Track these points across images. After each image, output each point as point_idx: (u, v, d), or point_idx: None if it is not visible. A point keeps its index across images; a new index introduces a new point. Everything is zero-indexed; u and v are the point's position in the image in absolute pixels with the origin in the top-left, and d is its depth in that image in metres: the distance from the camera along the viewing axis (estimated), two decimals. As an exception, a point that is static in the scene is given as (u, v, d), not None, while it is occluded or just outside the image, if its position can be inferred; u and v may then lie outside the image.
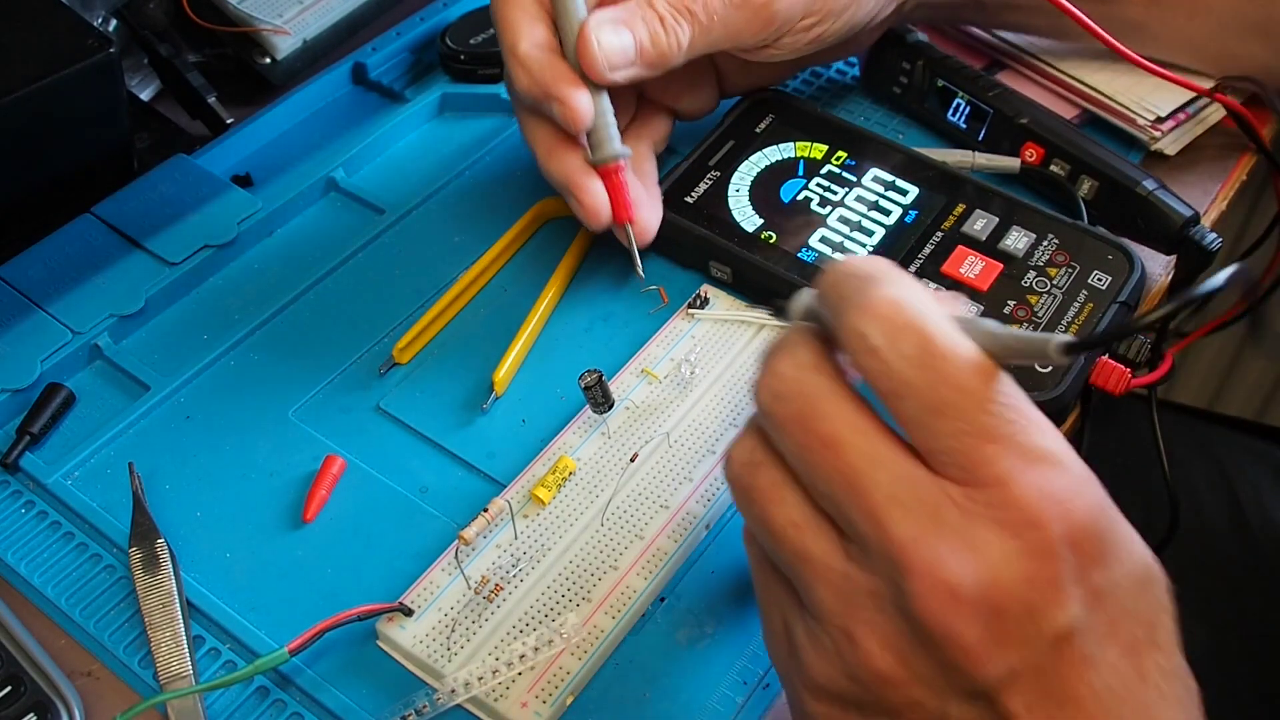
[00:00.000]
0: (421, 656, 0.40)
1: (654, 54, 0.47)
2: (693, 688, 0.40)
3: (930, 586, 0.29)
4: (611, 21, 0.46)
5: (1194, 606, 0.64)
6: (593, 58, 0.46)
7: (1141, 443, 0.67)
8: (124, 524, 0.44)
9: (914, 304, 0.30)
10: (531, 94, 0.47)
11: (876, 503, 0.30)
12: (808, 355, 0.32)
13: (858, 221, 0.52)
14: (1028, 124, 0.56)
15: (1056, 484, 0.29)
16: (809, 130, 0.56)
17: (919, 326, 0.29)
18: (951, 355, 0.29)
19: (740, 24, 0.48)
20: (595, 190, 0.48)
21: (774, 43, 0.50)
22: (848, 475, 0.30)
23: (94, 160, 0.57)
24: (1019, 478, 0.29)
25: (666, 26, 0.47)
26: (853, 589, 0.31)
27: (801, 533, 0.32)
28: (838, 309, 0.31)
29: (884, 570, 0.30)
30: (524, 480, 0.45)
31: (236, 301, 0.54)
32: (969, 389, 0.29)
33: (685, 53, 0.48)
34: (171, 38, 0.65)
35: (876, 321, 0.30)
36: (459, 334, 0.52)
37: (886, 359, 0.29)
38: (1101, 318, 0.47)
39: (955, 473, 0.29)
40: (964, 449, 0.29)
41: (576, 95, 0.46)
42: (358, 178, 0.60)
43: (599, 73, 0.46)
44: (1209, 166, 0.59)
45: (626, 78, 0.47)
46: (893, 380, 0.29)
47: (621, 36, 0.46)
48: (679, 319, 0.51)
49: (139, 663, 0.41)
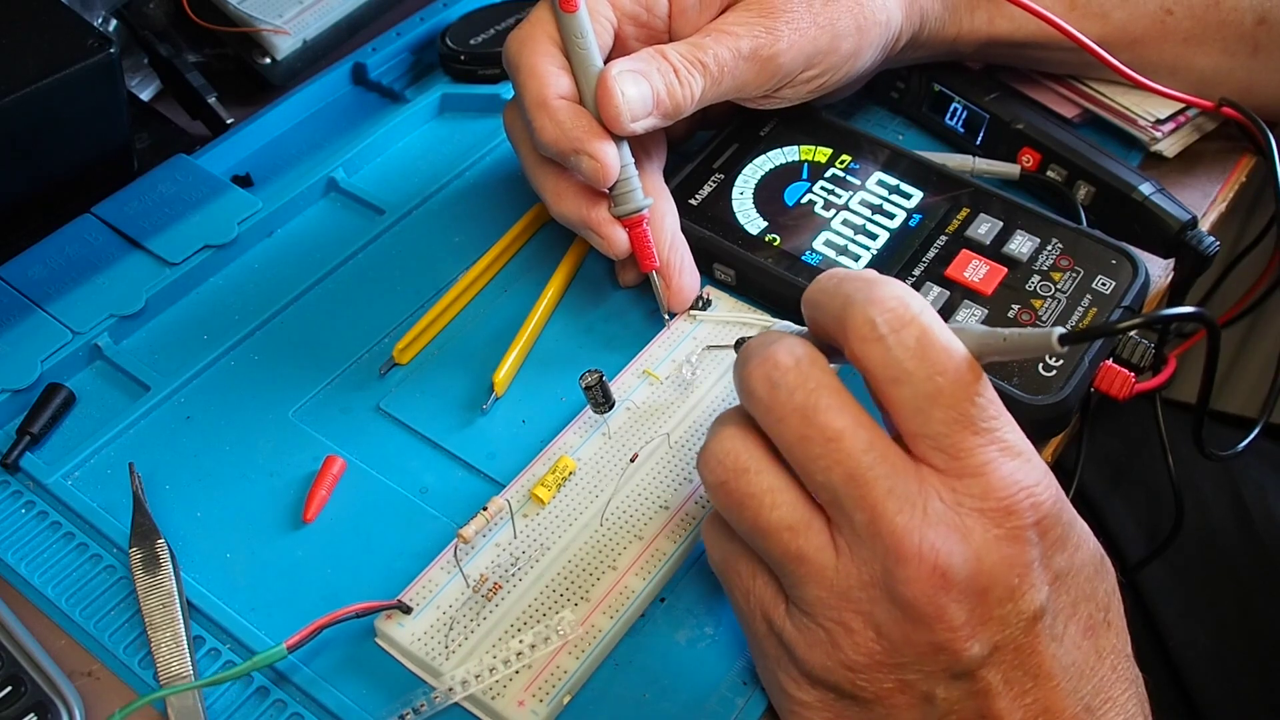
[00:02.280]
0: (419, 654, 0.40)
1: (670, 106, 0.47)
2: (692, 688, 0.40)
3: (922, 571, 0.31)
4: (631, 73, 0.46)
5: (1197, 605, 0.64)
6: (617, 109, 0.45)
7: (1145, 442, 0.67)
8: (124, 524, 0.44)
9: (915, 302, 0.33)
10: (559, 146, 0.46)
11: (876, 495, 0.32)
12: (804, 349, 0.34)
13: (861, 225, 0.52)
14: (1023, 129, 0.57)
15: (1026, 475, 0.32)
16: (812, 134, 0.56)
17: (920, 322, 0.32)
18: (946, 350, 0.32)
19: (748, 76, 0.48)
20: (615, 226, 0.48)
21: (774, 93, 0.51)
22: (849, 467, 0.32)
23: (94, 160, 0.57)
24: (997, 468, 0.32)
25: (681, 78, 0.47)
26: (846, 583, 0.33)
27: (796, 535, 0.34)
28: (846, 300, 0.33)
29: (878, 558, 0.32)
30: (524, 479, 0.45)
31: (236, 301, 0.54)
32: (961, 382, 0.32)
33: (696, 104, 0.48)
34: (171, 38, 0.65)
35: (884, 313, 0.33)
36: (459, 334, 0.52)
37: (890, 346, 0.32)
38: (1106, 322, 0.47)
39: (939, 460, 0.32)
40: (951, 435, 0.32)
41: (606, 149, 0.46)
42: (358, 178, 0.60)
43: (622, 124, 0.46)
44: (1208, 168, 0.59)
45: (645, 128, 0.47)
46: (893, 367, 0.32)
47: (640, 87, 0.46)
48: (681, 320, 0.51)
49: (139, 663, 0.41)
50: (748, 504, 0.35)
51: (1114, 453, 0.67)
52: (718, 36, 0.48)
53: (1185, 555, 0.63)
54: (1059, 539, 0.33)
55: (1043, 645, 0.33)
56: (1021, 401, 0.45)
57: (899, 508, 0.32)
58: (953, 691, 0.32)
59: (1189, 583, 0.63)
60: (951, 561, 0.31)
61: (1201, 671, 0.60)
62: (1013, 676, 0.32)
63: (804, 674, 0.35)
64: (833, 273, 0.36)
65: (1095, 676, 0.34)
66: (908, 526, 0.31)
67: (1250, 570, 0.63)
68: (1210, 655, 0.61)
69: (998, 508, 0.32)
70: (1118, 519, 0.65)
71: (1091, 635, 0.34)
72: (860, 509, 0.32)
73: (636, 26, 0.50)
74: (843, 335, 0.34)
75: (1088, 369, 0.46)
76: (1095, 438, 0.64)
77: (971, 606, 0.32)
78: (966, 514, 0.32)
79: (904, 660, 0.32)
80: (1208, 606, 0.62)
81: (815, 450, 0.33)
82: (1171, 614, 0.62)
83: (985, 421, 0.32)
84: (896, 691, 0.33)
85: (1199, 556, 0.63)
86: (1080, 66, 0.58)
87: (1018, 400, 0.45)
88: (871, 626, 0.32)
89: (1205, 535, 0.64)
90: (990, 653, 0.32)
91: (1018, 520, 0.32)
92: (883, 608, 0.32)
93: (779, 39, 0.48)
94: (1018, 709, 0.33)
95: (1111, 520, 0.65)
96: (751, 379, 0.34)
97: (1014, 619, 0.32)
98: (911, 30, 0.54)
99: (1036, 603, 0.32)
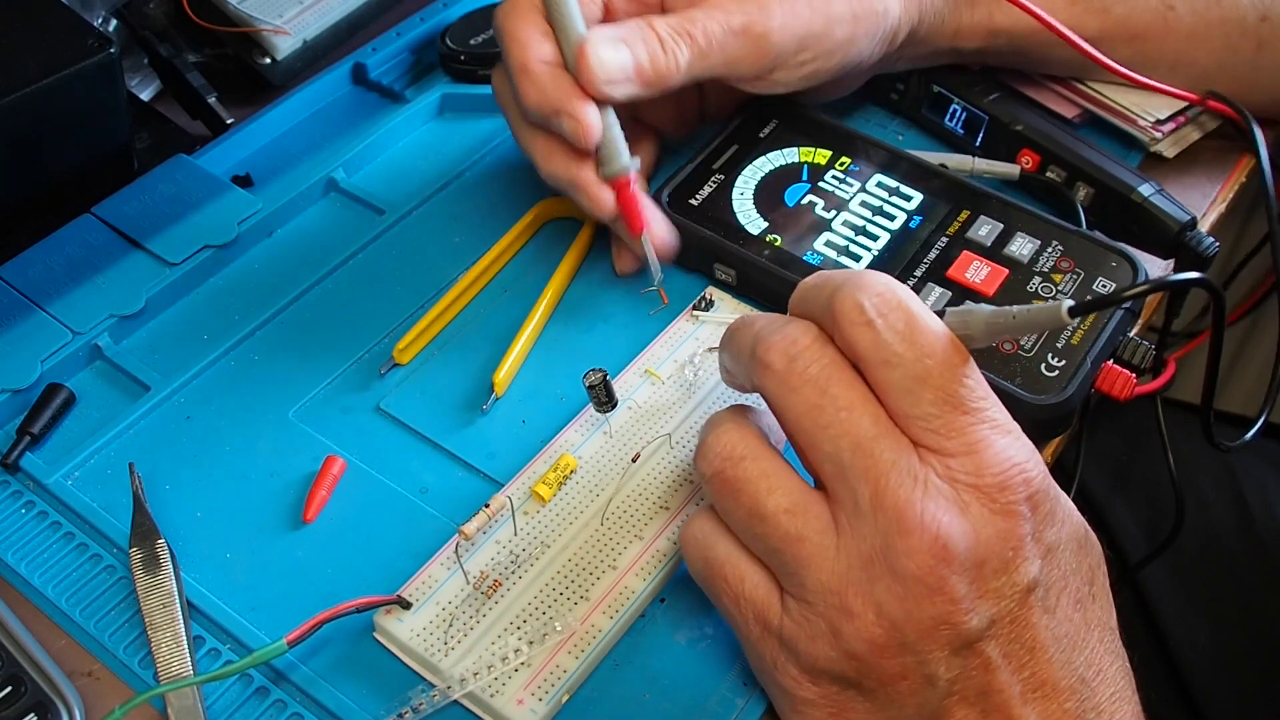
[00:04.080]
0: (418, 649, 0.40)
1: (652, 74, 0.47)
2: (692, 688, 0.40)
3: (924, 542, 0.32)
4: (611, 39, 0.47)
5: (1198, 604, 0.64)
6: (591, 72, 0.46)
7: (1146, 441, 0.67)
8: (124, 524, 0.44)
9: (900, 289, 0.34)
10: (541, 109, 0.47)
11: (881, 467, 0.33)
12: (815, 330, 0.35)
13: (862, 226, 0.52)
14: (1022, 131, 0.56)
15: (1017, 452, 0.33)
16: (812, 136, 0.56)
17: (907, 307, 0.34)
18: (933, 333, 0.34)
19: (738, 52, 0.49)
20: (601, 186, 0.49)
21: (768, 76, 0.51)
22: (857, 437, 0.33)
23: (94, 160, 0.57)
24: (990, 445, 0.33)
25: (666, 48, 0.47)
26: (847, 562, 0.33)
27: (794, 517, 0.34)
28: (834, 290, 0.35)
29: (880, 532, 0.33)
30: (525, 477, 0.45)
31: (236, 302, 0.53)
32: (949, 363, 0.33)
33: (683, 75, 0.48)
34: (171, 38, 0.65)
35: (872, 298, 0.34)
36: (459, 334, 0.52)
37: (879, 330, 0.33)
38: (1106, 323, 0.47)
39: (931, 440, 0.33)
40: (942, 415, 0.33)
41: (586, 110, 0.46)
42: (358, 178, 0.60)
43: (596, 87, 0.46)
44: (1208, 168, 0.59)
45: (624, 94, 0.47)
46: (883, 350, 0.33)
47: (620, 53, 0.47)
48: (683, 321, 0.51)
49: (139, 663, 0.41)
50: (745, 489, 0.35)
51: (1115, 452, 0.67)
52: (709, 11, 0.48)
53: (1186, 555, 0.63)
54: (1047, 513, 0.34)
55: (1036, 617, 0.33)
56: (1024, 401, 0.45)
57: (901, 480, 0.32)
58: (954, 669, 0.33)
59: (1190, 582, 0.63)
60: (951, 533, 0.32)
61: (1202, 671, 0.61)
62: (1010, 650, 0.33)
63: (805, 670, 0.35)
64: (819, 272, 0.37)
65: (1086, 648, 0.34)
66: (910, 499, 0.32)
67: (1251, 569, 0.63)
68: (1211, 654, 0.61)
69: (992, 483, 0.33)
70: (1119, 518, 0.65)
71: (1080, 608, 0.35)
72: (865, 480, 0.33)
73: (628, 1, 0.51)
74: (832, 321, 0.35)
75: (1090, 369, 0.46)
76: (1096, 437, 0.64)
77: (970, 579, 0.32)
78: (963, 489, 0.33)
79: (906, 640, 0.33)
80: (1209, 606, 0.62)
81: (826, 418, 0.34)
82: (1172, 613, 0.62)
83: (974, 401, 0.33)
84: (899, 676, 0.33)
85: (1200, 556, 0.63)
86: (1082, 66, 0.58)
87: (1020, 400, 0.45)
88: (872, 607, 0.33)
89: (1206, 535, 0.64)
90: (988, 625, 0.33)
91: (1011, 495, 0.33)
92: (884, 584, 0.33)
93: (771, 17, 0.49)
94: (1016, 682, 0.33)
95: (1113, 520, 0.65)
96: (770, 353, 0.35)
97: (1009, 591, 0.33)
98: (910, 24, 0.54)
99: (1030, 575, 0.33)
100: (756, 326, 0.37)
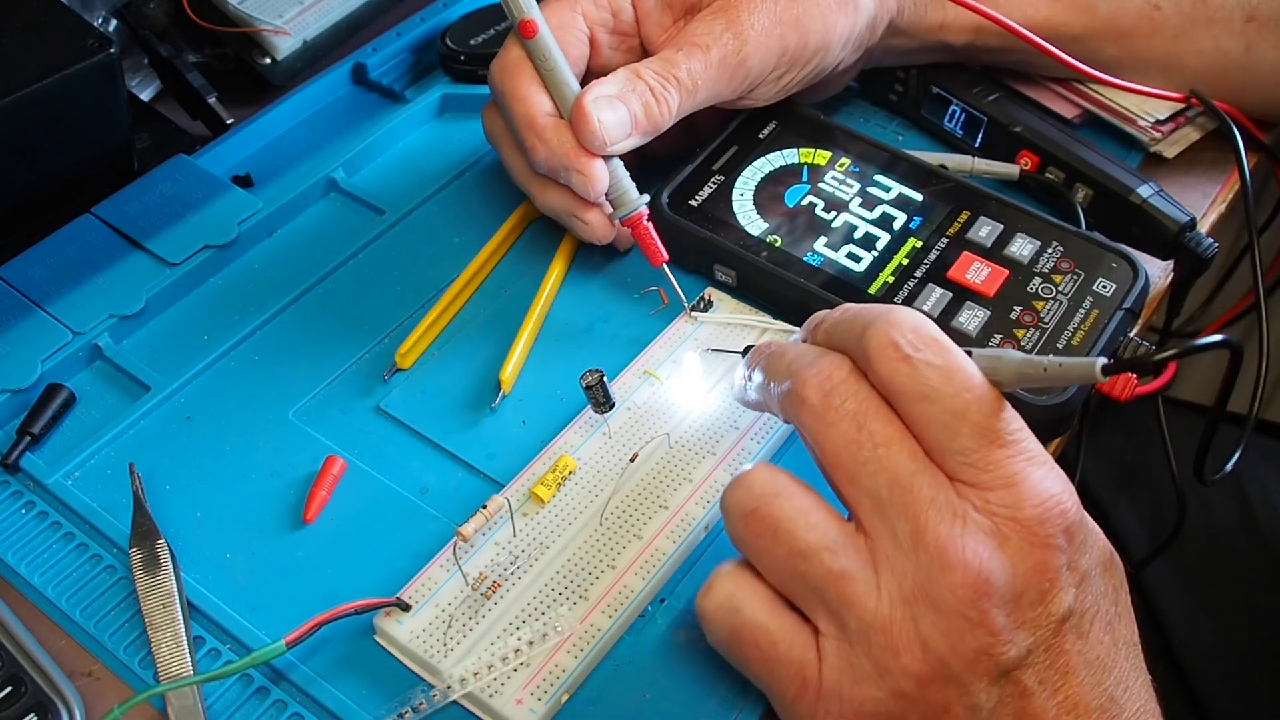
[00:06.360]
0: (418, 651, 0.40)
1: (648, 124, 0.49)
2: (691, 689, 0.40)
3: (967, 578, 0.32)
4: (608, 100, 0.48)
5: (1202, 602, 0.64)
6: (593, 135, 0.48)
7: (1148, 440, 0.67)
8: (124, 524, 0.44)
9: (931, 326, 0.35)
10: (549, 164, 0.49)
11: (920, 504, 0.33)
12: (849, 364, 0.36)
13: (862, 226, 0.52)
14: (1021, 132, 0.56)
15: (1053, 484, 0.34)
16: (811, 137, 0.56)
17: (941, 343, 0.34)
18: (967, 370, 0.34)
19: (720, 83, 0.50)
20: (595, 213, 0.50)
21: (748, 94, 0.53)
22: (896, 474, 0.34)
23: (94, 160, 0.57)
24: (1027, 479, 0.33)
25: (657, 96, 0.49)
26: (889, 599, 0.33)
27: (836, 555, 0.34)
28: (866, 325, 0.35)
29: (921, 568, 0.33)
30: (524, 478, 0.45)
31: (236, 302, 0.53)
32: (985, 398, 0.33)
33: (675, 117, 0.50)
34: (171, 38, 0.65)
35: (907, 334, 0.34)
36: (458, 335, 0.52)
37: (917, 365, 0.34)
38: (1107, 324, 0.47)
39: (969, 474, 0.33)
40: (980, 449, 0.33)
41: (594, 166, 0.48)
42: (358, 178, 0.60)
43: (602, 150, 0.48)
44: (1208, 169, 0.59)
45: (625, 149, 0.49)
46: (921, 385, 0.34)
47: (618, 113, 0.48)
48: (682, 321, 0.51)
49: (139, 663, 0.41)
50: (784, 526, 0.35)
51: (1118, 452, 0.67)
52: (689, 50, 0.49)
53: (1189, 553, 0.63)
54: (1080, 541, 0.34)
55: (1069, 644, 0.34)
56: (1026, 402, 0.45)
57: (941, 517, 0.33)
58: (993, 697, 0.33)
59: (1193, 580, 0.63)
60: (992, 568, 0.32)
61: (1206, 668, 0.60)
62: (1046, 676, 0.33)
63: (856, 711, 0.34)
64: (845, 306, 0.38)
65: (1115, 668, 0.35)
66: (950, 535, 0.33)
67: (1254, 567, 0.63)
68: (1214, 652, 0.61)
69: (1031, 517, 0.33)
70: (1121, 517, 0.65)
71: (1110, 630, 0.35)
72: (905, 516, 0.33)
73: (608, 33, 0.53)
74: (865, 356, 0.35)
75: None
76: (1100, 437, 0.64)
77: (1008, 611, 0.33)
78: (1001, 522, 0.33)
79: (952, 672, 0.33)
80: (1211, 603, 0.62)
81: (864, 454, 0.34)
82: (1175, 611, 0.62)
83: (1010, 434, 0.34)
84: (944, 709, 0.33)
85: (1203, 554, 0.63)
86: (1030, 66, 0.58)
87: (1022, 401, 0.45)
88: (918, 643, 0.33)
89: (1209, 533, 0.64)
90: (1025, 654, 0.33)
91: (1049, 528, 0.33)
92: (928, 619, 0.33)
93: (745, 43, 0.50)
94: (1051, 706, 0.34)
95: (1116, 518, 0.65)
96: (806, 387, 0.35)
97: (1044, 621, 0.33)
98: (889, 14, 0.55)
99: (1065, 605, 0.33)
100: (788, 358, 0.37)
